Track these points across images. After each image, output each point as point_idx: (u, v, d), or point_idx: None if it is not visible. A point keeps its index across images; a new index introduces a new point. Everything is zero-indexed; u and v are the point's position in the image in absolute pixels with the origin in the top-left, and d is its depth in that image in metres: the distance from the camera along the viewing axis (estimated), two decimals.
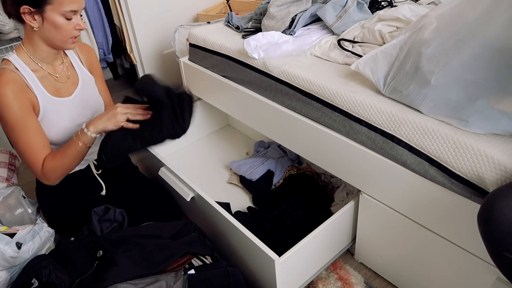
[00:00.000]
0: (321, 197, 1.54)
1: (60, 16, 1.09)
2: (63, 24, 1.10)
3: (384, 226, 1.21)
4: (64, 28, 1.11)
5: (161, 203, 1.48)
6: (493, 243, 0.74)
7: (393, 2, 1.45)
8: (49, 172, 1.16)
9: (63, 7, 1.08)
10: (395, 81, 1.04)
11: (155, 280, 1.01)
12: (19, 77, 1.12)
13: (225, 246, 1.33)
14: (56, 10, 1.08)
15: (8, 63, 1.13)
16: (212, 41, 1.59)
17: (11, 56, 1.14)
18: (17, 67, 1.13)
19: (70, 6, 1.08)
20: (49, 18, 1.08)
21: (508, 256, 0.71)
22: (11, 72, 1.11)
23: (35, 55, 1.17)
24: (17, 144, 1.14)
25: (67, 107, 1.23)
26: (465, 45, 0.88)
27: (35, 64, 1.17)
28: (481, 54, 0.87)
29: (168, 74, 2.56)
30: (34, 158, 1.15)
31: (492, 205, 0.73)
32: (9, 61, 1.13)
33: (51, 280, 1.00)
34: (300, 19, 1.45)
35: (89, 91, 1.31)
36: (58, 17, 1.09)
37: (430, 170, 0.99)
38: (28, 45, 1.15)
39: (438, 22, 0.95)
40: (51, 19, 1.09)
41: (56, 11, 1.08)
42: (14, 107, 1.09)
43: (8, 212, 1.26)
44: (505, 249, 0.71)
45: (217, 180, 1.77)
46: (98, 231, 1.20)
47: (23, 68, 1.14)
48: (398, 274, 1.29)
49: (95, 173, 1.37)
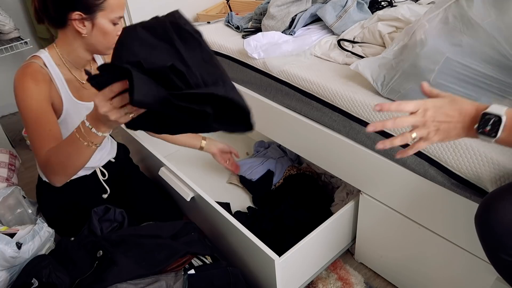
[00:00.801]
0: (321, 197, 1.54)
1: (109, 22, 1.10)
2: (111, 30, 1.11)
3: (384, 226, 1.21)
4: (111, 34, 1.12)
5: (162, 203, 1.48)
6: (489, 244, 0.74)
7: (393, 2, 1.45)
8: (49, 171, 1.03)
9: (113, 13, 1.09)
10: (393, 82, 1.04)
11: (155, 280, 1.01)
12: (46, 73, 1.12)
13: (225, 246, 1.33)
14: (106, 17, 1.08)
15: (38, 58, 1.12)
16: (212, 41, 1.59)
17: (42, 53, 1.13)
18: (46, 64, 1.12)
19: (119, 12, 1.10)
20: (99, 24, 1.09)
21: (504, 257, 0.71)
22: (39, 67, 1.10)
23: (68, 58, 1.16)
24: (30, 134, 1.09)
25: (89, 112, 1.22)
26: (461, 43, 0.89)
27: (65, 66, 1.16)
28: (480, 53, 0.87)
29: None
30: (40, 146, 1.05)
31: (489, 207, 0.73)
32: (39, 57, 1.12)
33: (51, 280, 1.00)
34: (300, 19, 1.45)
35: None
36: (107, 23, 1.09)
37: (430, 170, 0.99)
38: (63, 48, 1.15)
39: (430, 24, 0.95)
40: (101, 26, 1.09)
41: (107, 17, 1.08)
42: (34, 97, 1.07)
43: (8, 212, 1.26)
44: (501, 251, 0.71)
45: (217, 180, 1.77)
46: (98, 231, 1.20)
47: (52, 67, 1.13)
48: (398, 274, 1.29)
49: (101, 179, 1.37)
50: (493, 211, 0.72)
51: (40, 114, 1.07)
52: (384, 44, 1.24)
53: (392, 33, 1.25)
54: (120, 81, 0.78)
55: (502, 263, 0.73)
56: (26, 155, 2.15)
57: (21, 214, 1.28)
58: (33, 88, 1.07)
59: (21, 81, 1.07)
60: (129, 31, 0.80)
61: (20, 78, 1.07)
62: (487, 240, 0.74)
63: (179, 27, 0.79)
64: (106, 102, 0.80)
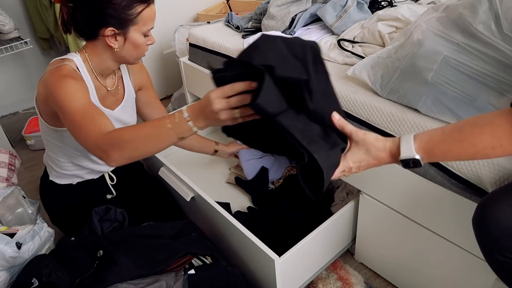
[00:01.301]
0: (321, 197, 1.54)
1: (141, 35, 1.09)
2: (143, 42, 1.11)
3: (384, 226, 1.21)
4: (143, 46, 1.12)
5: (163, 203, 1.48)
6: (486, 245, 0.76)
7: (393, 2, 1.45)
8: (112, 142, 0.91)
9: (145, 26, 1.08)
10: (391, 83, 1.04)
11: (155, 280, 1.01)
12: (80, 76, 1.11)
13: (225, 246, 1.34)
14: (139, 30, 1.08)
15: (70, 61, 1.11)
16: (212, 41, 1.59)
17: (75, 57, 1.12)
18: (79, 68, 1.11)
19: (151, 24, 1.10)
20: (131, 38, 1.08)
21: (500, 258, 0.73)
22: (73, 70, 1.09)
23: (96, 68, 1.16)
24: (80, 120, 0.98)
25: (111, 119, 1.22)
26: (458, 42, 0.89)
27: (93, 73, 1.16)
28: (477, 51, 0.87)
29: (168, 74, 2.56)
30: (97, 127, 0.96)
31: (486, 209, 0.75)
32: (72, 60, 1.11)
33: (51, 280, 1.00)
34: (300, 19, 1.45)
35: (129, 108, 1.31)
36: (140, 36, 1.09)
37: (429, 170, 0.99)
38: (92, 58, 1.14)
39: (427, 24, 0.95)
40: (133, 39, 1.09)
41: (139, 30, 1.08)
42: (78, 94, 1.03)
43: (8, 212, 1.27)
44: (498, 252, 0.73)
45: (217, 180, 1.77)
46: (99, 231, 1.20)
47: (84, 72, 1.13)
48: (398, 274, 1.29)
49: (109, 183, 1.37)
50: (490, 213, 0.73)
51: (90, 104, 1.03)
52: (384, 44, 1.24)
53: (392, 33, 1.25)
54: (244, 82, 0.73)
55: (498, 263, 0.75)
56: (26, 155, 2.15)
57: (21, 214, 1.28)
58: (75, 83, 1.04)
59: (60, 81, 1.03)
60: (267, 38, 0.76)
61: (58, 79, 1.04)
62: (484, 241, 0.76)
63: (317, 55, 0.76)
64: (223, 99, 0.75)
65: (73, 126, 0.99)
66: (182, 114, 0.82)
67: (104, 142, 0.91)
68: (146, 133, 0.88)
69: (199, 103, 0.81)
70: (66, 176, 1.30)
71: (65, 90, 1.01)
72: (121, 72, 1.28)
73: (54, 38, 2.44)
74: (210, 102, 0.76)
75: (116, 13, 1.02)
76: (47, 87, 1.05)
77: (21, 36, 2.11)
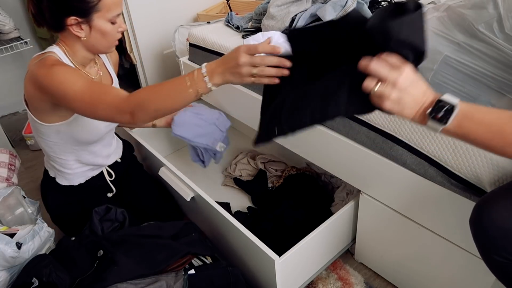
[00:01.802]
0: (321, 197, 1.54)
1: (107, 22, 1.08)
2: (110, 29, 1.09)
3: (384, 226, 1.21)
4: (111, 34, 1.10)
5: (163, 203, 1.48)
6: (483, 246, 0.77)
7: (393, 2, 1.45)
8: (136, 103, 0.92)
9: (110, 12, 1.07)
10: None
11: (155, 280, 1.01)
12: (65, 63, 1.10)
13: (225, 246, 1.34)
14: (103, 17, 1.07)
15: (52, 53, 1.10)
16: (212, 41, 1.59)
17: (54, 48, 1.12)
18: (61, 59, 1.11)
19: (116, 10, 1.08)
20: (96, 26, 1.07)
21: (497, 259, 0.73)
22: (57, 59, 1.09)
23: (73, 59, 1.15)
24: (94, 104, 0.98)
25: None
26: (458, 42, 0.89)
27: (73, 64, 1.16)
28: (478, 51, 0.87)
29: (168, 74, 2.56)
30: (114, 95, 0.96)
31: (482, 210, 0.75)
32: (54, 52, 1.11)
33: (51, 280, 1.00)
34: (300, 19, 1.45)
35: None
36: (105, 23, 1.08)
37: (429, 170, 0.99)
38: (68, 50, 1.14)
39: (428, 24, 0.95)
40: (99, 27, 1.08)
41: (104, 17, 1.07)
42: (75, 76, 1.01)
43: (8, 212, 1.27)
44: (495, 253, 0.73)
45: (217, 180, 1.77)
46: (99, 231, 1.20)
47: (66, 61, 1.12)
48: (398, 274, 1.29)
49: (108, 179, 1.38)
50: (487, 214, 0.74)
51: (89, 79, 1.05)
52: None
53: None
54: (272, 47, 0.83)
55: (496, 264, 0.75)
56: (26, 155, 2.15)
57: (21, 214, 1.28)
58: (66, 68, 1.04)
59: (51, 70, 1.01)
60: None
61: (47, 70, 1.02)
62: (481, 242, 0.77)
63: None
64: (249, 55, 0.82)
65: (87, 105, 0.98)
66: (200, 69, 0.86)
67: (128, 105, 0.93)
68: (167, 91, 0.90)
69: (222, 58, 0.86)
70: (69, 176, 1.29)
71: (61, 77, 1.00)
72: (102, 59, 1.29)
73: (54, 38, 2.45)
74: (238, 55, 0.82)
75: (77, 2, 1.02)
76: (39, 81, 1.04)
77: (21, 36, 2.11)
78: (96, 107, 0.97)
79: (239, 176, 1.74)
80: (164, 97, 0.90)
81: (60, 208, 1.32)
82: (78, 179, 1.31)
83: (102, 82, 1.04)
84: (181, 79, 0.88)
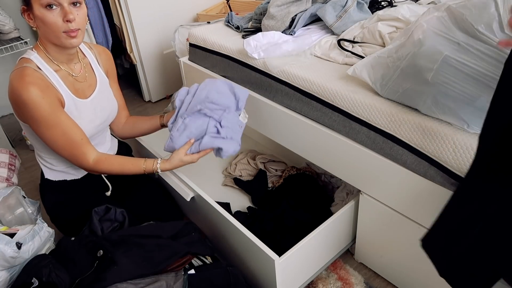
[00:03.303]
0: (321, 197, 1.54)
1: (43, 8, 1.03)
2: (48, 17, 1.03)
3: (384, 226, 1.21)
4: (50, 21, 1.04)
5: (163, 203, 1.48)
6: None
7: (393, 2, 1.45)
8: (100, 170, 1.21)
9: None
10: (392, 82, 1.04)
11: (155, 280, 1.01)
12: (43, 76, 1.10)
13: (225, 246, 1.33)
14: (37, 2, 1.03)
15: (29, 61, 1.10)
16: (212, 41, 1.59)
17: (31, 55, 1.11)
18: (39, 66, 1.10)
19: None
20: (36, 13, 1.04)
21: None
22: (34, 71, 1.08)
23: (50, 54, 1.14)
24: (55, 142, 1.12)
25: (87, 108, 1.22)
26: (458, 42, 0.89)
27: (54, 63, 1.14)
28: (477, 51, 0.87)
29: (168, 74, 2.56)
30: (79, 152, 1.15)
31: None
32: (30, 60, 1.10)
33: (51, 280, 1.00)
34: (300, 19, 1.45)
35: (105, 93, 1.31)
36: (42, 10, 1.03)
37: (429, 170, 0.99)
38: (42, 45, 1.13)
39: (428, 24, 0.95)
40: (37, 14, 1.04)
41: (38, 3, 1.03)
42: (45, 104, 1.05)
43: (8, 212, 1.26)
44: None
45: (217, 180, 1.77)
46: (99, 231, 1.20)
47: (45, 67, 1.11)
48: (398, 274, 1.29)
49: (103, 176, 1.37)
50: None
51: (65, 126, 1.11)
52: (384, 44, 1.24)
53: (392, 33, 1.25)
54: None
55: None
56: (26, 155, 2.15)
57: (21, 214, 1.28)
58: (42, 101, 1.06)
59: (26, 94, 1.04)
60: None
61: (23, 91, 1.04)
62: None
63: None
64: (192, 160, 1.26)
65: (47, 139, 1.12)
66: (157, 166, 1.23)
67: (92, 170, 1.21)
68: (126, 169, 1.23)
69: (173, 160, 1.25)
70: (59, 172, 1.29)
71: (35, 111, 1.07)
72: (87, 59, 1.28)
73: None
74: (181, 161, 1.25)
75: None
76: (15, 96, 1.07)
77: (21, 36, 2.11)
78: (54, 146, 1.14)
79: (239, 176, 1.74)
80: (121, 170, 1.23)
81: (56, 207, 1.31)
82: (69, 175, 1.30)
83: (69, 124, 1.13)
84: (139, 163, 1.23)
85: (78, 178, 1.31)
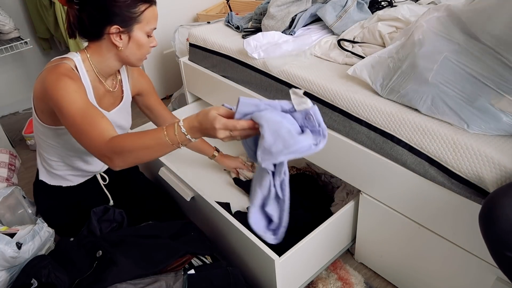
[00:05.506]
0: (321, 197, 1.54)
1: (145, 34, 1.12)
2: (146, 42, 1.13)
3: (384, 226, 1.21)
4: (145, 46, 1.14)
5: (162, 203, 1.48)
6: (495, 243, 0.73)
7: (393, 2, 1.45)
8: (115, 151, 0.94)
9: (149, 25, 1.11)
10: (392, 82, 1.04)
11: (154, 280, 1.01)
12: (77, 76, 1.11)
13: (225, 246, 1.33)
14: (142, 29, 1.10)
15: (69, 60, 1.11)
16: (212, 41, 1.59)
17: (75, 57, 1.13)
18: (78, 68, 1.12)
19: (154, 24, 1.13)
20: (135, 37, 1.10)
21: (510, 255, 0.70)
22: (70, 68, 1.10)
23: (97, 67, 1.16)
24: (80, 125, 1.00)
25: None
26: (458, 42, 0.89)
27: (93, 73, 1.16)
28: (477, 51, 0.87)
29: (168, 74, 2.56)
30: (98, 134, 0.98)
31: (494, 204, 0.72)
32: (71, 59, 1.12)
33: (50, 281, 1.00)
34: (300, 19, 1.45)
35: (125, 111, 1.32)
36: (143, 35, 1.12)
37: (430, 170, 0.99)
38: (94, 58, 1.15)
39: (428, 24, 0.95)
40: (137, 38, 1.11)
41: (142, 29, 1.11)
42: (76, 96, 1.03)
43: (8, 212, 1.27)
44: (507, 249, 0.70)
45: (217, 180, 1.77)
46: (98, 231, 1.20)
47: (82, 71, 1.13)
48: (398, 274, 1.29)
49: (102, 184, 1.37)
50: (498, 209, 0.70)
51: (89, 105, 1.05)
52: (384, 44, 1.24)
53: (392, 33, 1.25)
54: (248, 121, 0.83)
55: (507, 261, 0.72)
56: (26, 155, 2.15)
57: (21, 214, 1.28)
58: (73, 84, 1.05)
59: (57, 80, 1.04)
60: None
61: (55, 79, 1.05)
62: (492, 239, 0.73)
63: None
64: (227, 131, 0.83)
65: (74, 129, 1.02)
66: (180, 129, 0.88)
67: (107, 150, 0.95)
68: (146, 143, 0.92)
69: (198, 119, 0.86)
70: (56, 177, 1.29)
71: (63, 91, 1.02)
72: (121, 76, 1.29)
73: (54, 38, 2.44)
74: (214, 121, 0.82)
75: (121, 12, 1.05)
76: (45, 85, 1.05)
77: (21, 36, 2.11)
78: (80, 137, 1.01)
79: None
80: (144, 149, 0.92)
81: (48, 212, 1.30)
82: (67, 182, 1.30)
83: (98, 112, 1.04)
84: (160, 133, 0.89)
85: (74, 185, 1.31)
